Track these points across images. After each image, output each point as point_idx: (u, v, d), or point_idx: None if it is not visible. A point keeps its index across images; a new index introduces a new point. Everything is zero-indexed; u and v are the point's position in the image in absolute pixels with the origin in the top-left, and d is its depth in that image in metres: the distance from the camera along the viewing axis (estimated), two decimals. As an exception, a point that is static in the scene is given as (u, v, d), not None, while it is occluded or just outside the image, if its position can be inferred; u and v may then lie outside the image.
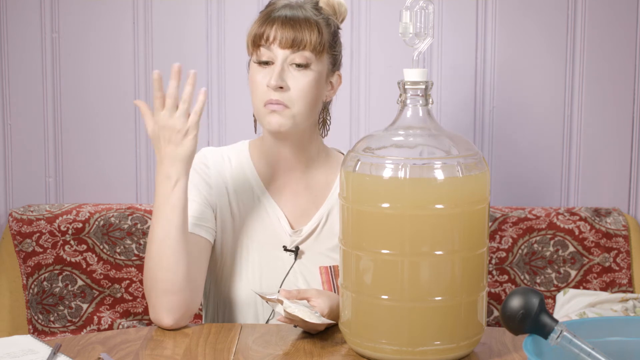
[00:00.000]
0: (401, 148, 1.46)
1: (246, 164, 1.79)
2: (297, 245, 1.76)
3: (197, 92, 1.64)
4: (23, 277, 2.16)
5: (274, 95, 1.67)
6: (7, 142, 2.31)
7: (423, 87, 1.46)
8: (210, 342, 1.56)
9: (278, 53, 1.68)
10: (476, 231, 1.46)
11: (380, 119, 2.25)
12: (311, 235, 1.77)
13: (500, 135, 2.32)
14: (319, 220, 1.77)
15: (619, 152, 2.33)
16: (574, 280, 2.22)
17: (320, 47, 1.69)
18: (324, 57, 1.71)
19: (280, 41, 1.67)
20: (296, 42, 1.67)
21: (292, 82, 1.68)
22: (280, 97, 1.67)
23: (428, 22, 1.48)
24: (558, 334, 1.26)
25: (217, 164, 1.78)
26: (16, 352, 1.47)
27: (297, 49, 1.67)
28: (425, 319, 1.44)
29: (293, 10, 1.71)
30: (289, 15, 1.70)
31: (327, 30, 1.72)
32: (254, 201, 1.77)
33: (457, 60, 2.30)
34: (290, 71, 1.68)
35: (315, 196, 1.79)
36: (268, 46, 1.68)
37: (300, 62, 1.68)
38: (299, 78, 1.68)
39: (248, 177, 1.78)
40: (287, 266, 1.75)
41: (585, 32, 2.29)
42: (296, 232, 1.76)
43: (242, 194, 1.77)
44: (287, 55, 1.67)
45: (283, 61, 1.67)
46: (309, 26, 1.69)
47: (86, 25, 2.28)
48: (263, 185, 1.78)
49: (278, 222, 1.76)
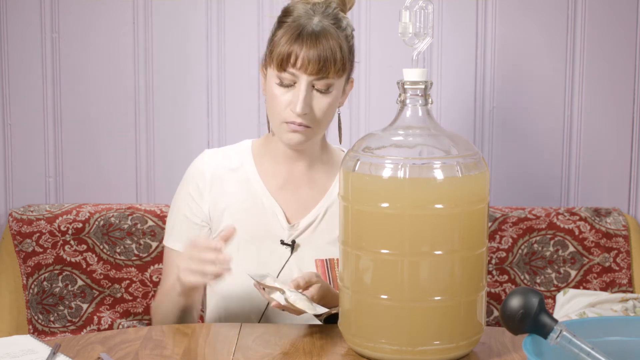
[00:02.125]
0: (401, 148, 1.46)
1: (247, 162, 1.82)
2: (293, 239, 1.77)
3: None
4: (23, 277, 2.16)
5: (298, 119, 1.69)
6: (7, 142, 2.31)
7: (423, 87, 1.46)
8: (210, 341, 1.56)
9: (302, 78, 1.68)
10: (476, 231, 1.46)
11: (380, 119, 2.25)
12: (308, 228, 1.79)
13: (500, 135, 2.32)
14: (316, 214, 1.79)
15: (619, 152, 2.32)
16: (574, 280, 2.22)
17: (342, 70, 1.70)
18: (344, 75, 1.73)
19: (306, 67, 1.67)
20: (321, 69, 1.67)
21: (314, 104, 1.70)
22: (304, 120, 1.69)
23: (428, 22, 1.48)
24: (558, 333, 1.26)
25: (214, 168, 1.81)
26: (16, 352, 1.47)
27: (321, 76, 1.68)
28: (425, 318, 1.44)
29: (319, 26, 1.68)
30: (316, 35, 1.68)
31: (346, 44, 1.72)
32: (252, 197, 1.80)
33: (457, 60, 2.30)
34: (312, 92, 1.69)
35: (316, 192, 1.81)
36: (291, 70, 1.68)
37: (321, 89, 1.69)
38: (321, 100, 1.70)
39: (248, 174, 1.81)
40: (283, 260, 1.77)
41: (585, 32, 2.28)
42: (293, 226, 1.78)
43: (241, 190, 1.80)
44: (311, 80, 1.68)
45: (306, 85, 1.68)
46: (334, 52, 1.68)
47: (86, 25, 2.28)
48: (262, 181, 1.80)
49: (275, 216, 1.78)
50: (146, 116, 2.30)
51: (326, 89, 1.70)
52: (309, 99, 1.69)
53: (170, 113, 2.30)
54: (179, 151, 2.30)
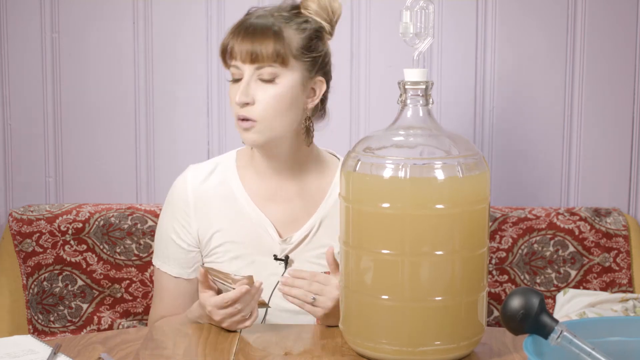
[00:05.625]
0: (401, 148, 1.46)
1: (231, 176, 1.78)
2: (287, 254, 1.75)
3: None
4: (23, 277, 2.16)
5: (241, 111, 1.66)
6: (7, 142, 2.31)
7: (423, 87, 1.46)
8: (211, 342, 1.56)
9: (244, 69, 1.66)
10: (476, 231, 1.46)
11: (381, 119, 2.25)
12: (301, 243, 1.76)
13: (500, 135, 2.32)
14: (310, 228, 1.76)
15: (619, 152, 2.32)
16: (574, 280, 2.22)
17: (281, 58, 1.65)
18: (294, 66, 1.67)
19: (241, 56, 1.66)
20: (254, 56, 1.64)
21: (260, 95, 1.66)
22: (247, 112, 1.66)
23: (428, 22, 1.48)
24: (558, 334, 1.26)
25: (197, 189, 1.78)
26: (16, 352, 1.47)
27: (260, 65, 1.65)
28: (426, 319, 1.44)
29: (258, 20, 1.67)
30: (250, 27, 1.66)
31: (298, 35, 1.68)
32: (239, 213, 1.76)
33: (457, 60, 2.30)
34: (258, 84, 1.66)
35: (308, 203, 1.77)
36: (234, 63, 1.67)
37: (265, 78, 1.66)
38: (264, 92, 1.66)
39: (233, 189, 1.77)
40: (277, 275, 1.74)
41: (585, 32, 2.28)
42: (285, 240, 1.75)
43: (227, 207, 1.77)
44: (253, 71, 1.66)
45: (250, 77, 1.66)
46: (266, 37, 1.65)
47: (86, 25, 2.28)
48: (248, 195, 1.76)
49: (265, 231, 1.75)
50: (146, 116, 2.30)
51: (271, 78, 1.66)
52: (251, 89, 1.66)
53: (170, 113, 2.30)
54: (179, 151, 2.30)
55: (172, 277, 1.79)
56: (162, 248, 1.81)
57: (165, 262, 1.80)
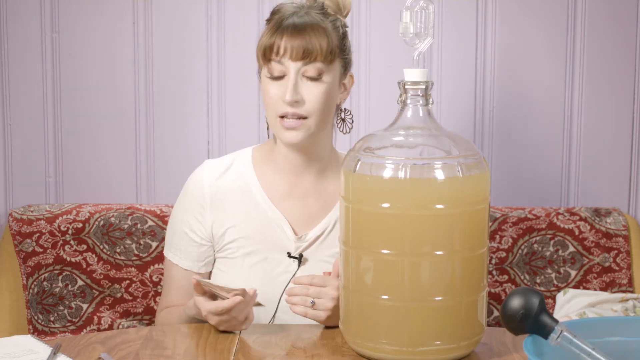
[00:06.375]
0: (401, 148, 1.46)
1: (248, 172, 1.79)
2: (301, 252, 1.75)
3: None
4: (23, 277, 2.16)
5: (290, 108, 1.67)
6: (7, 142, 2.31)
7: (423, 87, 1.46)
8: (211, 342, 1.56)
9: (290, 66, 1.67)
10: (476, 231, 1.46)
11: (381, 119, 2.25)
12: (315, 241, 1.76)
13: (500, 135, 2.32)
14: (325, 226, 1.77)
15: (619, 152, 2.32)
16: (574, 280, 2.22)
17: (331, 55, 1.68)
18: (336, 63, 1.70)
19: (291, 53, 1.66)
20: (307, 53, 1.66)
21: (306, 93, 1.67)
22: (297, 110, 1.67)
23: (428, 22, 1.48)
24: (558, 334, 1.26)
25: (214, 183, 1.79)
26: (16, 352, 1.47)
27: (308, 61, 1.66)
28: (426, 319, 1.44)
29: (301, 18, 1.68)
30: (298, 24, 1.67)
31: (336, 34, 1.71)
32: (255, 209, 1.77)
33: (457, 60, 2.30)
34: (303, 82, 1.67)
35: (325, 202, 1.78)
36: (279, 59, 1.67)
37: (312, 75, 1.67)
38: (312, 89, 1.67)
39: (249, 184, 1.78)
40: (290, 273, 1.74)
41: (585, 32, 2.28)
42: (300, 237, 1.76)
43: (243, 203, 1.78)
44: (299, 67, 1.66)
45: (296, 74, 1.67)
46: (318, 34, 1.67)
47: (86, 25, 2.28)
48: (264, 192, 1.77)
49: (280, 228, 1.76)
50: (146, 116, 2.30)
51: (317, 75, 1.67)
52: (299, 87, 1.67)
53: (170, 113, 2.30)
54: (179, 151, 2.31)
55: (183, 270, 1.81)
56: (175, 240, 1.82)
57: (177, 254, 1.81)
